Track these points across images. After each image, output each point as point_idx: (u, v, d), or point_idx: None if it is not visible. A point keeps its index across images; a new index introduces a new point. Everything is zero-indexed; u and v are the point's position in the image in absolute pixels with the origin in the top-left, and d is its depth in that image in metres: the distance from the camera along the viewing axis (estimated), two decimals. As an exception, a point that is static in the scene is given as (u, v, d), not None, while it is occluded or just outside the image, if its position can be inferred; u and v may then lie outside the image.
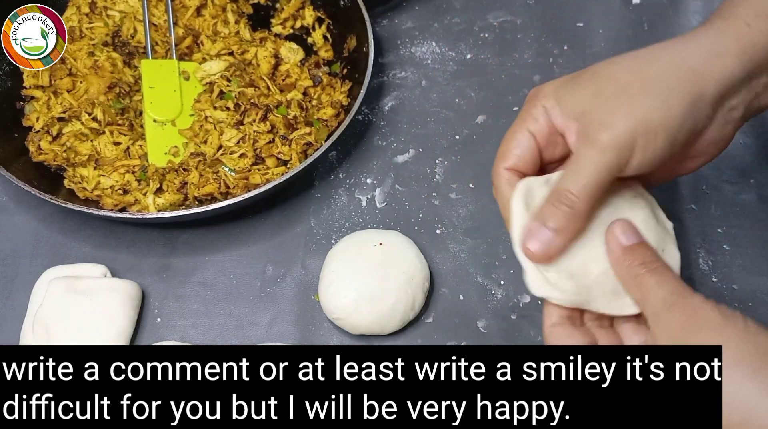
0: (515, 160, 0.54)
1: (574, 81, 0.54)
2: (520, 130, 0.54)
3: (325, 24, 0.90)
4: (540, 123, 0.54)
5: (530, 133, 0.54)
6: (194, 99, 0.82)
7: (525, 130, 0.54)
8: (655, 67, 0.51)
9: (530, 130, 0.54)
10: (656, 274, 0.49)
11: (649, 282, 0.49)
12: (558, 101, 0.53)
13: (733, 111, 0.53)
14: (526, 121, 0.54)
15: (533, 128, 0.54)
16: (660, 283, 0.49)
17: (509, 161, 0.54)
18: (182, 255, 0.76)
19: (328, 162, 0.82)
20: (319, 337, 0.71)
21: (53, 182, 0.77)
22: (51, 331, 0.67)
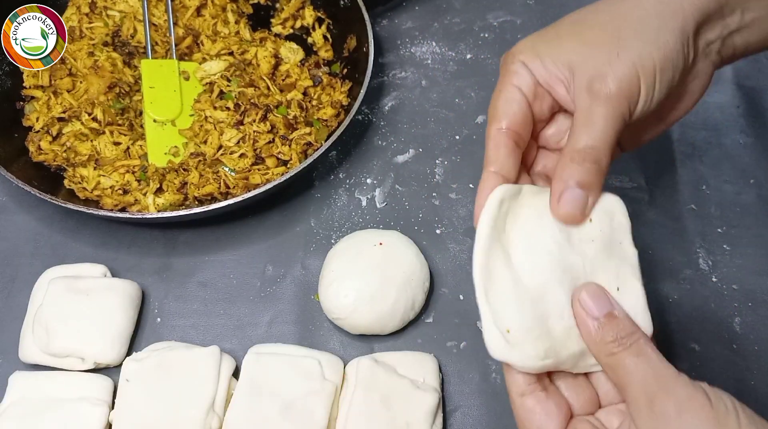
0: (509, 118, 0.51)
1: (553, 34, 0.52)
2: (506, 88, 0.52)
3: (325, 24, 0.90)
4: (524, 77, 0.52)
5: (517, 88, 0.52)
6: (194, 99, 0.82)
7: (511, 86, 0.52)
8: (635, 6, 0.51)
9: (516, 85, 0.52)
10: (633, 353, 0.44)
11: (627, 364, 0.44)
12: (539, 56, 0.51)
13: (711, 46, 0.53)
14: (509, 78, 0.52)
15: (517, 82, 0.52)
16: (638, 365, 0.44)
17: (503, 120, 0.51)
18: (182, 255, 0.76)
19: (328, 162, 0.82)
20: (319, 337, 0.71)
21: (53, 182, 0.77)
22: (51, 331, 0.67)
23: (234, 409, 0.64)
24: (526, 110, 0.52)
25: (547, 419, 0.47)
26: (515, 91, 0.52)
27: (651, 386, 0.43)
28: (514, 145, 0.51)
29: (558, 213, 0.48)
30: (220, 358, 0.66)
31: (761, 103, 0.87)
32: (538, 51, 0.51)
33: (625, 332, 0.45)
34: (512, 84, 0.52)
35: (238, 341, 0.71)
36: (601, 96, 0.48)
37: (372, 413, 0.63)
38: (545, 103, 0.53)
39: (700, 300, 0.73)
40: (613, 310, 0.46)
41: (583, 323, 0.46)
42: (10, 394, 0.65)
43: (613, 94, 0.48)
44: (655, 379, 0.43)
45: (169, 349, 0.67)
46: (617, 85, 0.48)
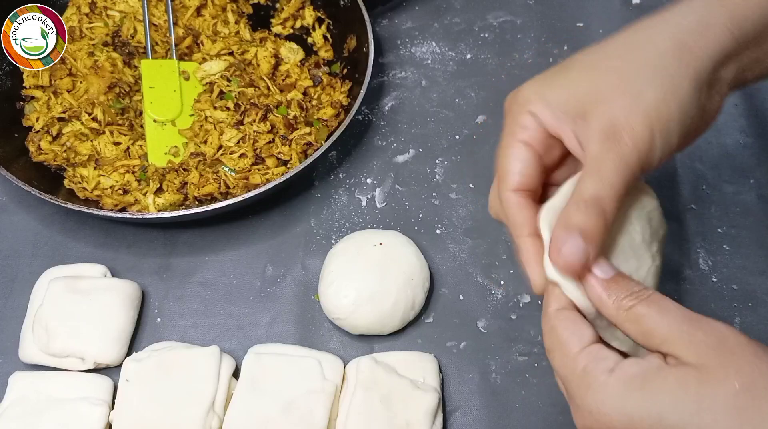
0: (518, 178, 0.49)
1: (560, 77, 0.50)
2: (512, 145, 0.50)
3: (325, 24, 0.90)
4: (531, 130, 0.50)
5: (524, 145, 0.50)
6: (194, 99, 0.82)
7: (518, 143, 0.50)
8: (651, 48, 0.49)
9: (523, 141, 0.50)
10: (652, 302, 0.44)
11: (647, 314, 0.43)
12: (546, 103, 0.49)
13: (723, 84, 0.51)
14: (515, 133, 0.50)
15: (526, 138, 0.50)
16: (662, 309, 0.43)
17: (512, 182, 0.50)
18: (182, 255, 0.76)
19: (328, 162, 0.82)
20: (319, 337, 0.71)
21: (53, 182, 0.77)
22: (51, 331, 0.67)
23: (234, 409, 0.64)
24: (536, 167, 0.50)
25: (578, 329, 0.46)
26: (524, 149, 0.50)
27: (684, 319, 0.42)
28: (532, 203, 0.50)
29: (558, 261, 0.46)
30: (220, 358, 0.66)
31: (761, 103, 0.87)
32: (548, 99, 0.49)
33: (637, 287, 0.45)
34: (520, 141, 0.50)
35: (238, 341, 0.71)
36: (614, 149, 0.46)
37: (372, 413, 0.63)
38: (555, 152, 0.51)
39: (700, 300, 0.73)
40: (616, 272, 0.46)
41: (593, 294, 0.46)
42: (10, 394, 0.65)
43: (628, 146, 0.46)
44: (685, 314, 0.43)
45: (169, 349, 0.67)
46: (632, 136, 0.46)
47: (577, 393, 0.44)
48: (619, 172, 0.46)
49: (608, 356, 0.44)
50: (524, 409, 0.67)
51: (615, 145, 0.46)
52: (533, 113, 0.49)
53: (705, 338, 0.42)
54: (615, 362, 0.44)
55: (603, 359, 0.44)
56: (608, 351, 0.45)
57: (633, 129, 0.46)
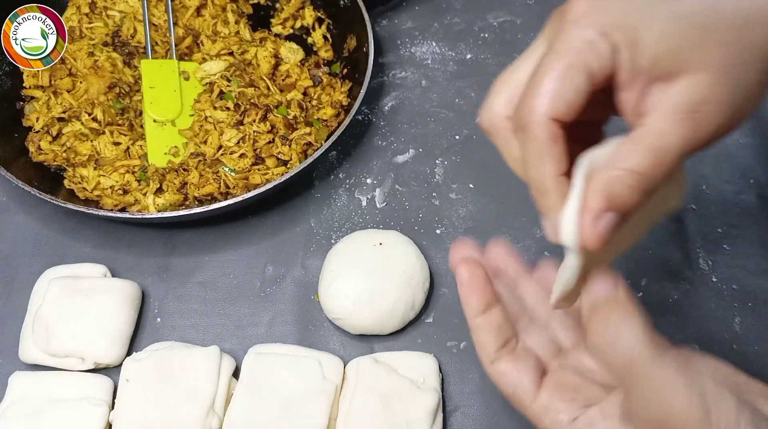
0: (565, 107, 0.40)
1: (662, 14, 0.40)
2: (576, 66, 0.40)
3: (325, 24, 0.90)
4: (604, 62, 0.40)
5: (588, 73, 0.40)
6: (194, 99, 0.82)
7: (583, 67, 0.40)
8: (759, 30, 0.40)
9: (590, 69, 0.40)
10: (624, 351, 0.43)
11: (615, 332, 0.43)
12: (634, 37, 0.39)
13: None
14: (584, 53, 0.40)
15: (595, 66, 0.40)
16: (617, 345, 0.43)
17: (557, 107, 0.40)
18: (182, 255, 0.76)
19: (328, 162, 0.82)
20: (319, 337, 0.71)
21: (53, 182, 0.77)
22: (51, 331, 0.67)
23: (234, 409, 0.64)
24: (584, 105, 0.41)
25: (520, 376, 0.48)
26: (586, 79, 0.40)
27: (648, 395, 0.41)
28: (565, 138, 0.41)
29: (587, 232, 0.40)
30: (220, 358, 0.66)
31: (761, 103, 0.87)
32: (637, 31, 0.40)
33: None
34: (587, 67, 0.40)
35: (238, 341, 0.71)
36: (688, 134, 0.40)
37: (372, 413, 0.63)
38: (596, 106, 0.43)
39: (700, 300, 0.73)
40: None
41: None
42: (10, 394, 0.65)
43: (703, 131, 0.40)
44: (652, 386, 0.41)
45: (169, 349, 0.67)
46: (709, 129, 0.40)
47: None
48: (679, 155, 0.40)
49: (560, 409, 0.47)
50: (524, 409, 0.67)
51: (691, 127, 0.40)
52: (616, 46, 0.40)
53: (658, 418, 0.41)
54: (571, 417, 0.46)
55: (557, 412, 0.47)
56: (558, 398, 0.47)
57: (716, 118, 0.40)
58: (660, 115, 0.40)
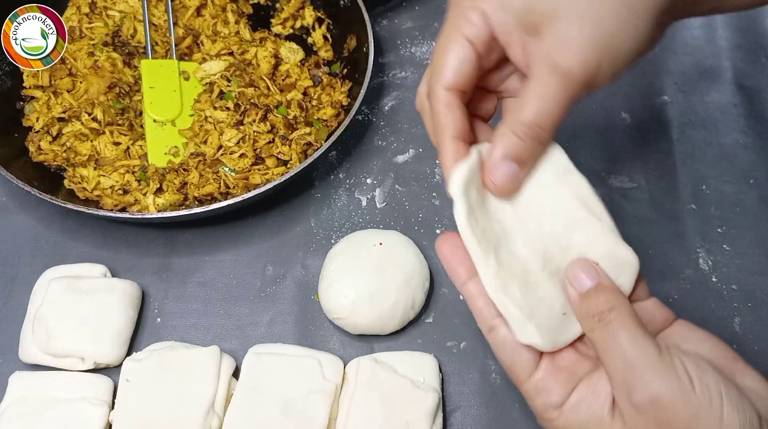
0: (453, 76, 0.47)
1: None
2: (454, 39, 0.47)
3: (325, 24, 0.90)
4: (478, 28, 0.47)
5: (467, 41, 0.47)
6: (194, 99, 0.82)
7: (461, 38, 0.47)
8: None
9: (467, 37, 0.47)
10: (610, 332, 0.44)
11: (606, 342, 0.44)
12: (501, 4, 0.46)
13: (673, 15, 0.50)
14: (460, 27, 0.47)
15: (471, 33, 0.47)
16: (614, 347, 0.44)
17: (447, 78, 0.47)
18: (182, 255, 0.76)
19: (328, 162, 0.82)
20: (319, 337, 0.71)
21: (53, 182, 0.77)
22: (51, 331, 0.67)
23: (234, 409, 0.64)
24: (474, 68, 0.48)
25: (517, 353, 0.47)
26: (466, 46, 0.47)
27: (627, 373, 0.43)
28: (462, 105, 0.48)
29: (491, 185, 0.47)
30: (220, 358, 0.66)
31: (761, 103, 0.87)
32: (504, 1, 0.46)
33: (605, 306, 0.45)
34: (465, 37, 0.47)
35: (238, 341, 0.71)
36: (562, 74, 0.45)
37: (372, 413, 0.63)
38: (494, 56, 0.49)
39: (700, 300, 0.73)
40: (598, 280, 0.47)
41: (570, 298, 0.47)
42: (10, 394, 0.65)
43: (573, 74, 0.45)
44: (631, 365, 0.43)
45: (169, 349, 0.67)
46: (581, 70, 0.45)
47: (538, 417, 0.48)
48: (562, 98, 0.45)
49: (553, 389, 0.46)
50: (524, 409, 0.67)
51: (563, 73, 0.45)
52: (484, 12, 0.47)
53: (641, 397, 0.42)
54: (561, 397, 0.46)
55: (548, 393, 0.46)
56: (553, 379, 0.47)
57: (584, 59, 0.45)
58: (536, 68, 0.46)
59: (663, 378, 0.42)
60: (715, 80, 0.89)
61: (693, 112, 0.87)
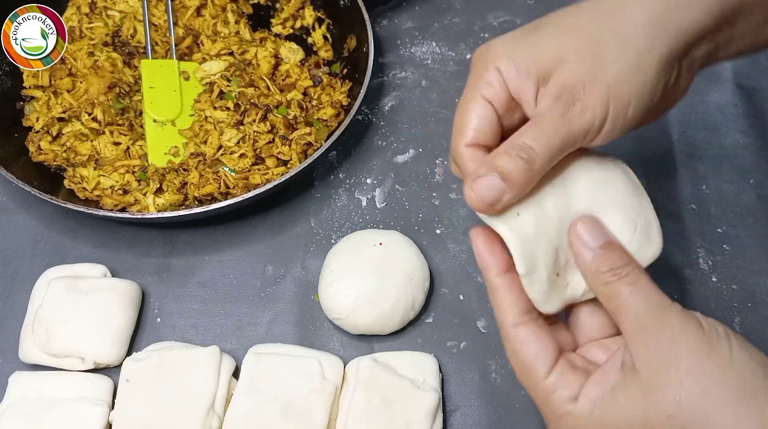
0: (474, 134, 0.49)
1: (533, 35, 0.49)
2: (474, 100, 0.49)
3: (325, 24, 0.90)
4: (495, 88, 0.48)
5: (486, 101, 0.48)
6: (194, 99, 0.82)
7: (480, 99, 0.48)
8: (624, 16, 0.47)
9: (486, 97, 0.48)
10: (628, 283, 0.45)
11: (622, 292, 0.45)
12: (512, 60, 0.48)
13: (695, 62, 0.50)
14: (478, 88, 0.49)
15: (489, 95, 0.48)
16: (633, 294, 0.45)
17: (468, 136, 0.49)
18: (182, 255, 0.76)
19: (328, 162, 0.82)
20: (319, 337, 0.71)
21: (53, 182, 0.77)
22: (51, 331, 0.67)
23: (234, 409, 0.64)
24: (494, 126, 0.49)
25: (541, 348, 0.47)
26: (484, 105, 0.49)
27: (645, 316, 0.44)
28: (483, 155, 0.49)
29: (470, 196, 0.46)
30: (220, 358, 0.66)
31: (761, 103, 0.87)
32: (515, 56, 0.48)
33: (620, 262, 0.46)
34: (481, 96, 0.49)
35: (238, 341, 0.71)
36: (562, 112, 0.46)
37: (372, 413, 0.63)
38: (516, 114, 0.50)
39: (700, 300, 0.73)
40: (608, 240, 0.47)
41: (579, 254, 0.47)
42: (10, 394, 0.65)
43: (575, 116, 0.46)
44: (650, 308, 0.44)
45: (169, 349, 0.67)
46: (583, 109, 0.46)
47: (550, 419, 0.47)
48: (560, 135, 0.46)
49: (571, 382, 0.46)
50: (524, 409, 0.67)
51: (565, 108, 0.46)
52: (499, 70, 0.48)
53: (657, 344, 0.43)
54: (578, 387, 0.45)
55: (567, 387, 0.46)
56: (571, 374, 0.46)
57: (588, 99, 0.46)
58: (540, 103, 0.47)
59: (677, 316, 0.43)
60: (715, 80, 0.89)
61: (693, 112, 0.87)
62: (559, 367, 0.46)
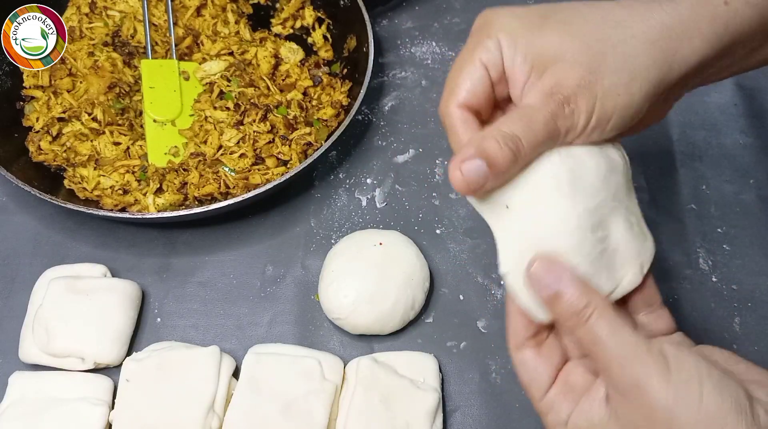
0: (467, 94, 0.48)
1: (539, 22, 0.48)
2: (470, 60, 0.48)
3: (325, 24, 0.90)
4: (493, 54, 0.48)
5: (482, 64, 0.48)
6: (194, 99, 0.82)
7: (476, 61, 0.48)
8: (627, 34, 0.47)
9: (482, 61, 0.48)
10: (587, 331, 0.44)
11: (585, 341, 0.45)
12: (516, 42, 0.47)
13: (684, 89, 0.51)
14: (476, 50, 0.48)
15: (485, 59, 0.48)
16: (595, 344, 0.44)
17: (460, 96, 0.48)
18: (182, 255, 0.76)
19: (328, 162, 0.82)
20: (319, 337, 0.71)
21: (53, 182, 0.77)
22: (51, 331, 0.67)
23: (234, 409, 0.64)
24: (488, 89, 0.48)
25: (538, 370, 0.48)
26: (480, 67, 0.48)
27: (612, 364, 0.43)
28: (476, 121, 0.49)
29: (455, 176, 0.45)
30: (220, 358, 0.66)
31: (761, 103, 0.87)
32: (517, 36, 0.47)
33: (579, 304, 0.45)
34: (479, 58, 0.48)
35: (238, 341, 0.71)
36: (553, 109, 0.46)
37: (372, 413, 0.63)
38: (502, 89, 0.50)
39: (700, 300, 0.74)
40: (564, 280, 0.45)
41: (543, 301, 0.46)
42: (10, 394, 0.65)
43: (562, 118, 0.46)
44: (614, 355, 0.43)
45: (169, 349, 0.67)
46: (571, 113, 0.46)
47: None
48: (548, 130, 0.45)
49: (561, 408, 0.47)
50: (524, 409, 0.67)
51: (557, 107, 0.46)
52: (500, 43, 0.48)
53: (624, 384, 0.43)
54: (567, 414, 0.47)
55: (557, 412, 0.47)
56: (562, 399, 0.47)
57: (578, 103, 0.46)
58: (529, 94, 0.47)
59: (642, 363, 0.42)
60: (715, 80, 0.89)
61: (693, 112, 0.87)
62: (554, 390, 0.48)
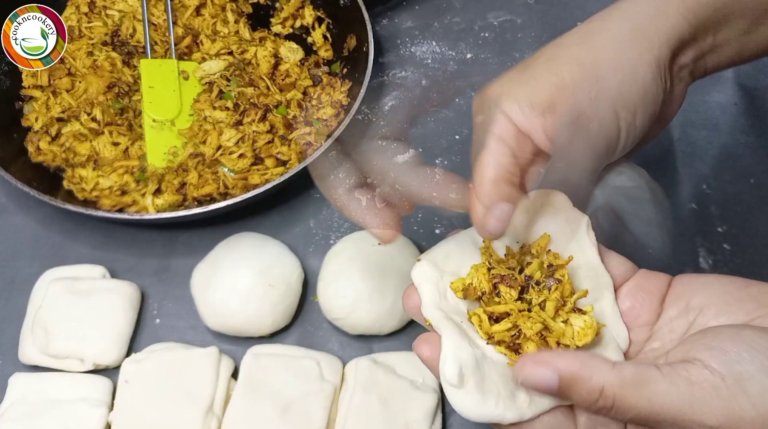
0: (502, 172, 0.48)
1: (526, 72, 0.49)
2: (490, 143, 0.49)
3: (325, 23, 0.89)
4: (506, 126, 0.49)
5: (502, 141, 0.49)
6: (193, 99, 0.82)
7: (495, 140, 0.48)
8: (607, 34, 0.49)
9: (500, 137, 0.48)
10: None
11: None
12: (516, 101, 0.48)
13: (683, 69, 0.52)
14: (492, 129, 0.49)
15: (501, 133, 0.49)
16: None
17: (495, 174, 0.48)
18: (181, 256, 0.76)
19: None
20: (319, 338, 0.71)
21: (52, 183, 0.77)
22: (50, 332, 0.67)
23: (233, 410, 0.64)
24: (514, 162, 0.49)
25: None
26: (501, 144, 0.48)
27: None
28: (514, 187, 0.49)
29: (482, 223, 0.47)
30: (219, 359, 0.66)
31: (761, 103, 0.87)
32: (515, 95, 0.48)
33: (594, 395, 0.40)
34: (495, 137, 0.48)
35: (237, 342, 0.71)
36: (582, 135, 0.47)
37: (371, 414, 0.63)
38: (527, 148, 0.50)
39: (700, 300, 0.73)
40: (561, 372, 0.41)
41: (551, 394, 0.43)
42: (9, 396, 0.66)
43: (594, 135, 0.47)
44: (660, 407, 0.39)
45: (168, 349, 0.67)
46: (599, 126, 0.47)
47: None
48: (587, 157, 0.47)
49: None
50: (524, 409, 0.67)
51: (582, 132, 0.46)
52: (503, 110, 0.49)
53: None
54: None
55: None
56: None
57: (599, 115, 0.47)
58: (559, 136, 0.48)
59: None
60: (715, 79, 0.88)
61: (693, 111, 0.86)
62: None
